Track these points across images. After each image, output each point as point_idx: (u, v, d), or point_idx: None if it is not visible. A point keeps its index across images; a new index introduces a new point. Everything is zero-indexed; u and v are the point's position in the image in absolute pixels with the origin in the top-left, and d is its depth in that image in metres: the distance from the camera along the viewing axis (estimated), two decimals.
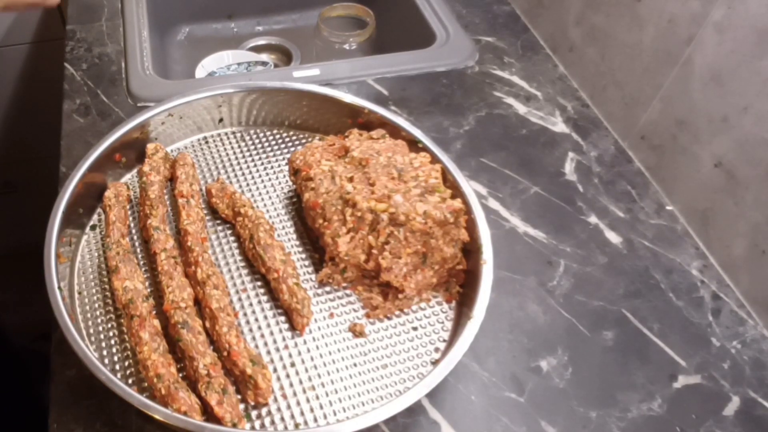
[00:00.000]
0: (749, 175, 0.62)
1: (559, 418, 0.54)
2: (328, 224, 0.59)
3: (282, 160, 0.72)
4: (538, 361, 0.58)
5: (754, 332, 0.61)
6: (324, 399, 0.53)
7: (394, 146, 0.63)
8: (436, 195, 0.58)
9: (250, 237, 0.60)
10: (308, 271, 0.62)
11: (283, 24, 1.12)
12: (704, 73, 0.66)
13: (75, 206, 0.61)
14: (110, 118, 0.76)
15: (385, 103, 0.80)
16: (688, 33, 0.67)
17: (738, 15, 0.61)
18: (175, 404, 0.48)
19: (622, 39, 0.77)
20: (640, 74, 0.75)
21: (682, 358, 0.59)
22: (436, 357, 0.56)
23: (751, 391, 0.57)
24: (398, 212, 0.56)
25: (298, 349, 0.56)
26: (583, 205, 0.71)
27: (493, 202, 0.70)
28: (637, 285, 0.64)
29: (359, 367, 0.55)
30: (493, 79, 0.85)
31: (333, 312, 0.59)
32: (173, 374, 0.51)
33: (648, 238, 0.68)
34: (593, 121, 0.81)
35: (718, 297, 0.64)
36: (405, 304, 0.59)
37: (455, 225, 0.57)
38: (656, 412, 0.55)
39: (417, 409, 0.54)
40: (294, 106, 0.73)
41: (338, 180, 0.60)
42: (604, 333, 0.60)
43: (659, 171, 0.73)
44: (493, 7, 0.98)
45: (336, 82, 0.82)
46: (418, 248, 0.57)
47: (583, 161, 0.75)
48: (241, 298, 0.59)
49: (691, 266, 0.66)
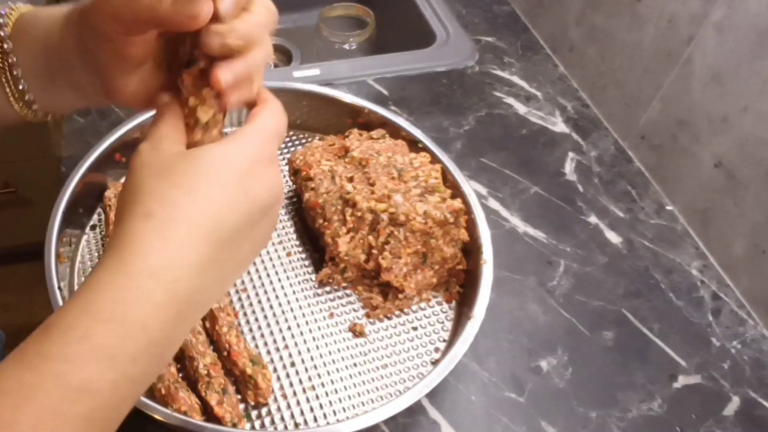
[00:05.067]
0: (749, 175, 0.62)
1: (559, 418, 0.54)
2: (328, 224, 0.59)
3: (282, 160, 0.72)
4: (538, 361, 0.58)
5: (754, 332, 0.61)
6: (324, 399, 0.53)
7: (394, 146, 0.63)
8: (436, 195, 0.58)
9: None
10: (308, 271, 0.62)
11: (283, 24, 1.12)
12: (704, 73, 0.66)
13: (75, 206, 0.61)
14: (110, 118, 0.76)
15: (385, 103, 0.80)
16: (688, 33, 0.67)
17: (738, 15, 0.61)
18: (175, 404, 0.48)
19: (622, 39, 0.77)
20: (640, 74, 0.75)
21: (682, 358, 0.59)
22: (436, 357, 0.56)
23: (751, 391, 0.57)
24: (398, 212, 0.56)
25: (298, 349, 0.56)
26: (583, 205, 0.71)
27: (493, 202, 0.70)
28: (637, 285, 0.64)
29: (359, 367, 0.55)
30: (493, 79, 0.85)
31: (333, 312, 0.59)
32: (173, 374, 0.51)
33: (648, 238, 0.68)
34: (593, 121, 0.81)
35: (718, 297, 0.64)
36: (405, 304, 0.59)
37: (455, 225, 0.57)
38: (656, 412, 0.55)
39: (417, 409, 0.54)
40: (294, 106, 0.73)
41: (338, 180, 0.60)
42: (604, 333, 0.60)
43: (659, 171, 0.73)
44: (493, 7, 0.98)
45: (336, 82, 0.82)
46: (418, 248, 0.57)
47: (583, 161, 0.75)
48: (241, 298, 0.59)
49: (691, 266, 0.66)
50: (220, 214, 0.31)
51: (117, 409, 0.29)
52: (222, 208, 0.31)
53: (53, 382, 0.27)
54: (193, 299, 0.31)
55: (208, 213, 0.31)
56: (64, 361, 0.27)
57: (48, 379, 0.27)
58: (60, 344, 0.27)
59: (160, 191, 0.31)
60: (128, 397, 0.29)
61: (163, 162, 0.32)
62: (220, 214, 0.31)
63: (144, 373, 0.30)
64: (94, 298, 0.29)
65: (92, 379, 0.27)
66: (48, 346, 0.27)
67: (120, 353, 0.28)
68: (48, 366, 0.27)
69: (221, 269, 0.32)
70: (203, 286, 0.31)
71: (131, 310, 0.29)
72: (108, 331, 0.28)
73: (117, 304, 0.28)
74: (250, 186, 0.32)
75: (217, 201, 0.31)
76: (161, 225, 0.30)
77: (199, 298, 0.31)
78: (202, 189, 0.31)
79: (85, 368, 0.27)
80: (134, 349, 0.28)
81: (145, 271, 0.29)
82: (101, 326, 0.28)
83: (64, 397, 0.27)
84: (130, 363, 0.28)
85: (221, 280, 0.33)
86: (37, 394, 0.26)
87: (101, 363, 0.27)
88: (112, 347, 0.28)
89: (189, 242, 0.30)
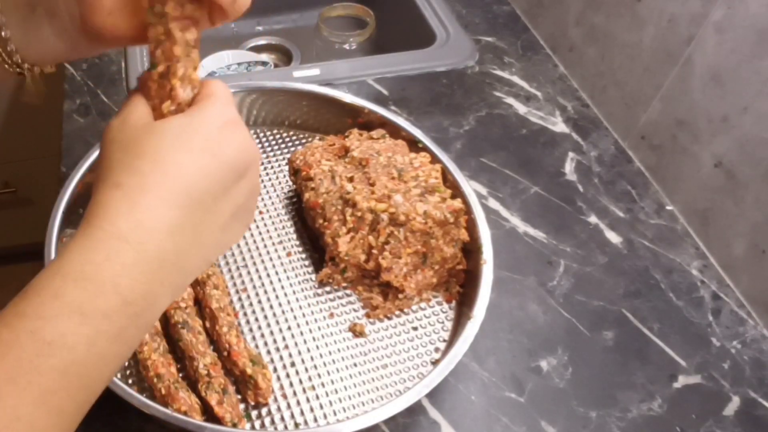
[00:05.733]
0: (749, 175, 0.62)
1: (559, 418, 0.54)
2: (328, 224, 0.59)
3: (282, 160, 0.72)
4: (538, 361, 0.58)
5: (754, 332, 0.61)
6: (324, 399, 0.53)
7: (394, 146, 0.63)
8: (436, 195, 0.58)
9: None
10: (308, 271, 0.62)
11: (283, 24, 1.12)
12: (704, 73, 0.66)
13: (75, 206, 0.61)
14: (110, 118, 0.76)
15: (385, 103, 0.80)
16: (688, 33, 0.67)
17: (738, 15, 0.61)
18: (175, 404, 0.48)
19: (622, 39, 0.77)
20: (640, 74, 0.75)
21: (682, 358, 0.59)
22: (436, 357, 0.56)
23: (751, 391, 0.57)
24: (398, 212, 0.56)
25: (298, 349, 0.56)
26: (583, 205, 0.71)
27: (493, 202, 0.70)
28: (637, 285, 0.64)
29: (359, 367, 0.55)
30: (493, 79, 0.85)
31: (333, 312, 0.59)
32: (173, 374, 0.51)
33: (648, 238, 0.68)
34: (593, 121, 0.81)
35: (718, 297, 0.64)
36: (405, 304, 0.59)
37: (455, 225, 0.57)
38: (656, 412, 0.55)
39: (417, 409, 0.54)
40: (294, 106, 0.73)
41: (338, 180, 0.60)
42: (604, 333, 0.60)
43: (659, 171, 0.73)
44: (493, 7, 0.98)
45: (336, 82, 0.82)
46: (418, 248, 0.57)
47: (583, 161, 0.75)
48: (241, 298, 0.59)
49: (691, 266, 0.66)
50: (188, 179, 0.32)
51: (96, 367, 0.30)
52: (190, 173, 0.32)
53: (28, 338, 0.28)
54: (166, 260, 0.32)
55: (176, 179, 0.32)
56: (38, 318, 0.28)
57: (23, 336, 0.28)
58: (34, 304, 0.29)
59: (127, 163, 0.32)
60: (107, 355, 0.30)
61: (130, 135, 0.33)
62: (189, 179, 0.32)
63: (121, 331, 0.30)
64: (65, 262, 0.30)
65: (65, 334, 0.28)
66: (23, 306, 0.29)
67: (91, 309, 0.29)
68: (23, 324, 0.28)
69: (197, 233, 0.33)
70: (177, 249, 0.32)
71: (100, 268, 0.30)
72: (79, 288, 0.29)
73: (86, 264, 0.30)
74: (218, 149, 0.33)
75: (184, 167, 0.32)
76: (129, 192, 0.31)
77: (175, 260, 0.32)
78: (168, 157, 0.32)
79: (57, 324, 0.28)
80: (106, 306, 0.30)
81: (113, 233, 0.30)
82: (72, 284, 0.29)
83: (39, 352, 0.28)
84: (103, 318, 0.29)
85: (200, 243, 0.34)
86: (12, 349, 0.28)
87: (73, 318, 0.29)
88: (83, 303, 0.29)
89: (156, 206, 0.31)
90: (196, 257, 0.34)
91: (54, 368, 0.28)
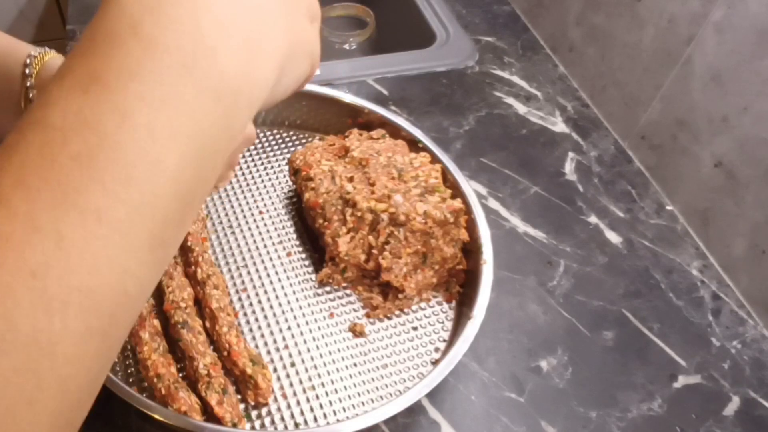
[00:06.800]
0: (749, 175, 0.62)
1: (559, 418, 0.54)
2: (328, 224, 0.59)
3: (282, 160, 0.72)
4: (538, 361, 0.58)
5: (754, 332, 0.61)
6: (324, 399, 0.53)
7: (394, 146, 0.63)
8: (436, 195, 0.58)
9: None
10: (308, 271, 0.62)
11: None
12: (704, 73, 0.66)
13: None
14: None
15: (385, 103, 0.80)
16: (688, 33, 0.67)
17: (738, 15, 0.61)
18: (175, 404, 0.48)
19: (622, 39, 0.77)
20: (640, 74, 0.75)
21: (682, 358, 0.59)
22: (436, 357, 0.56)
23: (751, 391, 0.57)
24: (398, 212, 0.56)
25: (298, 349, 0.56)
26: (583, 205, 0.71)
27: (493, 202, 0.70)
28: (637, 285, 0.64)
29: (359, 367, 0.55)
30: (493, 79, 0.85)
31: (333, 312, 0.59)
32: (173, 374, 0.51)
33: (648, 238, 0.68)
34: (593, 121, 0.81)
35: (718, 297, 0.64)
36: (405, 304, 0.59)
37: (455, 225, 0.57)
38: (656, 412, 0.55)
39: (417, 409, 0.54)
40: (294, 106, 0.73)
41: (338, 180, 0.60)
42: (604, 333, 0.60)
43: (659, 171, 0.73)
44: (493, 7, 0.98)
45: (336, 82, 0.82)
46: (418, 248, 0.57)
47: (583, 161, 0.75)
48: (241, 298, 0.59)
49: (691, 266, 0.66)
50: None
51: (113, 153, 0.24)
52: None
53: (33, 130, 0.23)
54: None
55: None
56: (42, 107, 0.24)
57: (29, 129, 0.23)
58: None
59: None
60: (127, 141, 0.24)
61: None
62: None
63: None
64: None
65: (65, 115, 0.23)
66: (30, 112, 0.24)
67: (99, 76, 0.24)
68: (28, 117, 0.24)
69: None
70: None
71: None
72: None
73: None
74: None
75: None
76: None
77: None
78: None
79: (59, 106, 0.24)
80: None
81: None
82: (78, 58, 0.24)
83: (48, 140, 0.23)
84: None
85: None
86: (18, 145, 0.23)
87: (77, 94, 0.24)
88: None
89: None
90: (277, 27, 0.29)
91: (68, 155, 0.23)
